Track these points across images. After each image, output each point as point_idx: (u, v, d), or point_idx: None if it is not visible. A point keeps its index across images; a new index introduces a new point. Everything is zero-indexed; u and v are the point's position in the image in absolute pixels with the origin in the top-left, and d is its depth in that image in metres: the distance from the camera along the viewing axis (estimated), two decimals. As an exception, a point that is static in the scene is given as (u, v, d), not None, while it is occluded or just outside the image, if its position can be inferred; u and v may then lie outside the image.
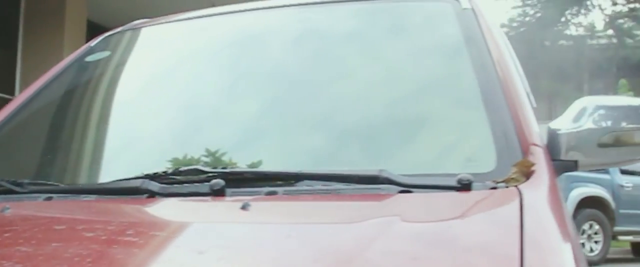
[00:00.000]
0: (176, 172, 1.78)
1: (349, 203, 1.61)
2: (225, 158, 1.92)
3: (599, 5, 18.95)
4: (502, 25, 17.26)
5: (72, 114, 2.45)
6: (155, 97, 2.35)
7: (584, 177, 11.87)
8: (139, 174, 1.81)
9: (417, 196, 1.58)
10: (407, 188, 1.60)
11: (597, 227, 11.94)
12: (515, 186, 1.58)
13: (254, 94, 2.18)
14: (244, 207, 1.54)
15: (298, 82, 2.18)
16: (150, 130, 2.21)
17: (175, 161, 1.94)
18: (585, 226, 11.81)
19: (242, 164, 1.86)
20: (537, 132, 1.85)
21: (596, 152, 1.94)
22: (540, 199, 1.54)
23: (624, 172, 12.48)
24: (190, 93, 2.30)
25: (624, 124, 1.99)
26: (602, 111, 1.97)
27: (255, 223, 1.52)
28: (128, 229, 1.51)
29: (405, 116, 1.98)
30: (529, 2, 17.22)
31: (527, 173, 1.65)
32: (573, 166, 1.95)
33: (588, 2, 17.52)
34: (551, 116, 22.50)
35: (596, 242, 11.96)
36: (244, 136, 2.02)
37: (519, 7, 17.38)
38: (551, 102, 21.82)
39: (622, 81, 18.88)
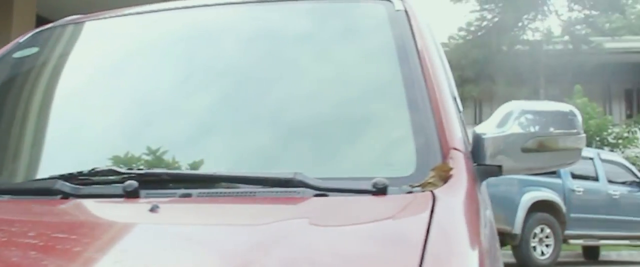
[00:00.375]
0: (91, 173, 1.75)
1: (260, 206, 1.60)
2: (140, 159, 1.88)
3: (556, 11, 19.17)
4: (460, 29, 17.36)
5: (-4, 111, 2.39)
6: (82, 94, 2.31)
7: (535, 181, 11.98)
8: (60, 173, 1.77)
9: (331, 200, 1.57)
10: (322, 191, 1.59)
11: (548, 231, 12.04)
12: (431, 191, 1.57)
13: (174, 94, 2.15)
14: (152, 210, 1.52)
15: (226, 84, 2.15)
16: (73, 129, 2.17)
17: (90, 160, 1.89)
18: (537, 230, 11.90)
19: (183, 164, 1.84)
20: (459, 137, 1.84)
21: (520, 157, 1.92)
22: (453, 204, 1.53)
23: (575, 176, 12.60)
24: (118, 91, 2.26)
25: (551, 129, 1.98)
26: (528, 116, 1.96)
27: (160, 225, 1.49)
28: (31, 230, 1.48)
29: (329, 119, 1.96)
30: (487, 6, 17.31)
31: (444, 177, 1.65)
32: (497, 170, 1.94)
33: (545, 8, 17.69)
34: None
35: (547, 245, 12.06)
36: (160, 136, 1.98)
37: (477, 11, 17.45)
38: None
39: (577, 87, 19.11)
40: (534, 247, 11.89)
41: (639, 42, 23.32)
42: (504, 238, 11.99)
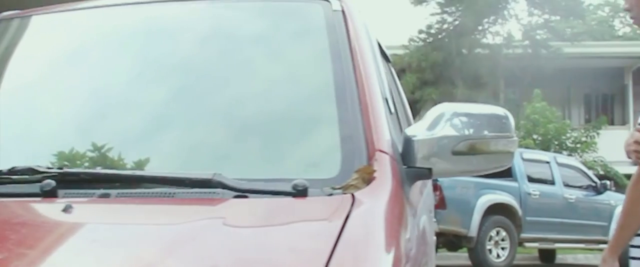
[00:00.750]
0: (10, 172, 1.71)
1: (176, 207, 1.58)
2: (72, 156, 1.85)
3: (516, 16, 19.30)
4: (420, 32, 17.39)
5: None
6: (18, 90, 2.26)
7: (492, 184, 12.07)
8: None
9: (250, 201, 1.56)
10: (242, 193, 1.57)
11: (504, 233, 12.14)
12: (352, 193, 1.56)
13: (103, 92, 2.11)
14: (65, 210, 1.49)
15: (154, 82, 2.11)
16: (8, 125, 2.13)
17: (21, 158, 1.86)
18: (493, 233, 11.99)
19: (109, 163, 1.81)
20: (387, 139, 1.82)
21: (451, 159, 1.89)
22: (372, 207, 1.51)
23: (531, 180, 12.70)
24: (50, 87, 2.22)
25: (483, 132, 1.96)
26: (460, 118, 1.93)
27: (70, 226, 1.47)
28: None
29: (257, 119, 1.94)
30: (448, 9, 17.36)
31: (368, 180, 1.64)
32: (427, 173, 1.91)
33: (505, 12, 17.82)
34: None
35: (503, 248, 12.16)
36: (90, 135, 1.94)
37: (438, 14, 17.48)
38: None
39: (537, 91, 19.28)
40: (490, 250, 11.98)
41: (599, 48, 23.64)
42: (460, 241, 12.09)
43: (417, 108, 17.15)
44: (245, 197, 1.56)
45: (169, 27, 2.32)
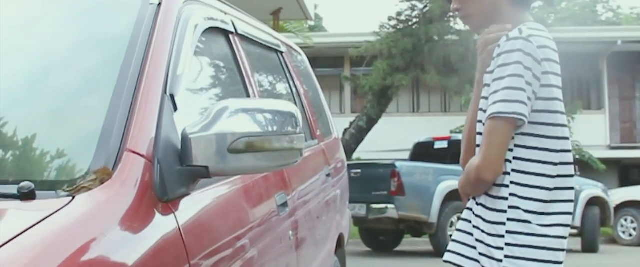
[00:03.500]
0: None
1: None
2: None
3: (490, 2, 19.03)
4: (390, 19, 17.34)
5: None
6: None
7: (452, 170, 12.04)
8: None
9: None
10: None
11: (465, 219, 12.13)
12: (73, 196, 1.57)
13: None
14: None
15: None
16: None
17: None
18: (454, 219, 11.96)
19: None
20: (149, 138, 1.80)
21: (228, 158, 1.87)
22: (81, 211, 1.53)
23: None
24: None
25: (265, 129, 1.92)
26: (242, 115, 1.90)
27: None
28: None
29: (14, 118, 1.90)
30: (418, -5, 17.31)
31: (105, 181, 1.65)
32: (205, 172, 1.89)
33: (478, -2, 17.71)
34: (445, 109, 22.92)
35: (463, 234, 12.15)
36: None
37: (408, 0, 17.42)
38: (443, 95, 22.14)
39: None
40: (451, 236, 11.91)
41: (574, 33, 23.49)
42: (421, 227, 12.11)
43: (388, 94, 17.07)
44: None
45: None
